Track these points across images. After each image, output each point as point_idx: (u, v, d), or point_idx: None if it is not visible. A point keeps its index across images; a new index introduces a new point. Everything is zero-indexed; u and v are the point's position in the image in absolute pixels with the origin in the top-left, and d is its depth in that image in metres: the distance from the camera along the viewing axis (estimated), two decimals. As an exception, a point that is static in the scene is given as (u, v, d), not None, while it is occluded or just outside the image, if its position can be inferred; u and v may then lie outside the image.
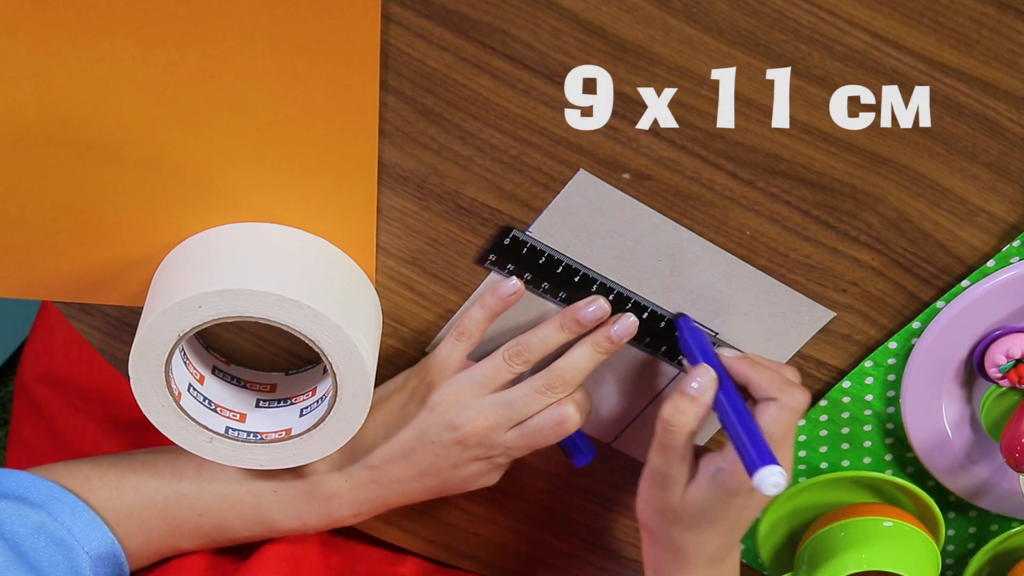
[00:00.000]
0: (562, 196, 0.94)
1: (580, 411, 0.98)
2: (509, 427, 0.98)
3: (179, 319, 0.90)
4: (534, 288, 0.99)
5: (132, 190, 0.92)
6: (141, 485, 0.99)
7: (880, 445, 1.06)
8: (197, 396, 0.95)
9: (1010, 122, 0.94)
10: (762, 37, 0.90)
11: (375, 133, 0.91)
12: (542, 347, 0.98)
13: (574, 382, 0.98)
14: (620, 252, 0.96)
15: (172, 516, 0.99)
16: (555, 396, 0.97)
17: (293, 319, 0.90)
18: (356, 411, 0.93)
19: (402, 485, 0.99)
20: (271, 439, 0.95)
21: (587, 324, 0.97)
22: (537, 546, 1.11)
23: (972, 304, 0.99)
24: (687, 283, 0.98)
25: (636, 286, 0.98)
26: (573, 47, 0.90)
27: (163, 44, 0.87)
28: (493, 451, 0.98)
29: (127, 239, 0.94)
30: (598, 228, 0.96)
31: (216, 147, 0.91)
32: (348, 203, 0.93)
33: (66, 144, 0.90)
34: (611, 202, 0.95)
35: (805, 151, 0.94)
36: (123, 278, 0.96)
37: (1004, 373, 1.01)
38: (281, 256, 0.93)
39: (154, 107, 0.89)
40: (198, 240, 0.94)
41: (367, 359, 0.92)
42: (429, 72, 0.91)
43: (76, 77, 0.88)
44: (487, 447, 0.98)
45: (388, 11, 0.89)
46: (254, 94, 0.89)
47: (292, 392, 0.99)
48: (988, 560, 1.12)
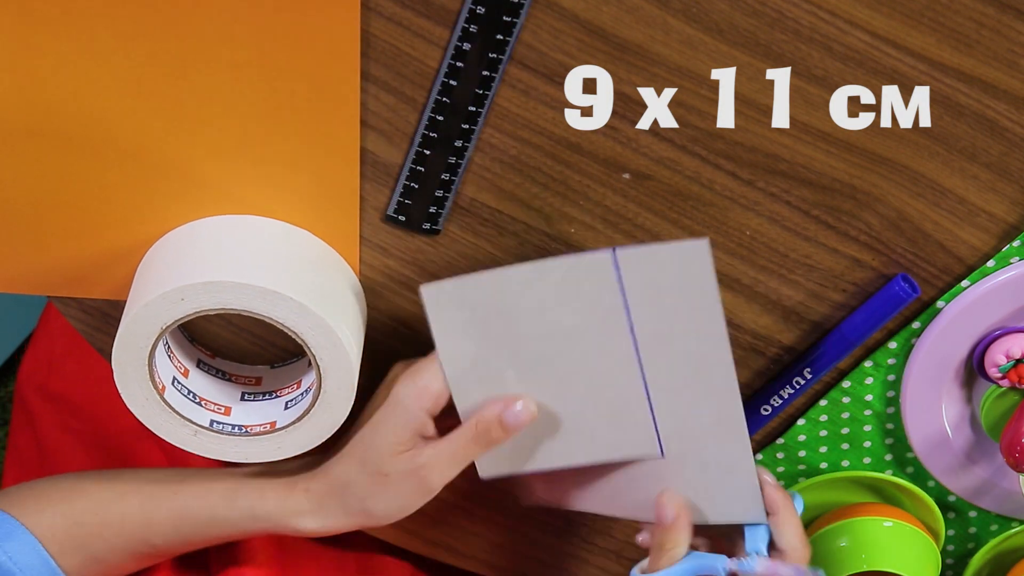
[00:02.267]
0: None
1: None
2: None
3: (162, 312, 0.90)
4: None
5: (115, 183, 0.92)
6: (124, 512, 0.98)
7: (880, 445, 1.06)
8: (181, 389, 0.95)
9: (1010, 122, 0.94)
10: (762, 37, 0.90)
11: (357, 124, 0.91)
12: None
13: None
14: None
15: (147, 543, 0.98)
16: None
17: (275, 311, 0.90)
18: (340, 403, 0.93)
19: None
20: (256, 432, 0.95)
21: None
22: (537, 546, 1.11)
23: (972, 304, 0.99)
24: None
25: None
26: (573, 47, 0.90)
27: (144, 36, 0.87)
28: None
29: (111, 232, 0.94)
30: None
31: (199, 139, 0.91)
32: (331, 195, 0.93)
33: (48, 137, 0.90)
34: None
35: (805, 151, 0.94)
36: (107, 271, 0.96)
37: (1004, 373, 1.01)
38: (264, 248, 0.93)
39: (136, 100, 0.89)
40: (181, 232, 0.94)
41: (350, 351, 0.92)
42: (429, 72, 0.91)
43: (57, 70, 0.88)
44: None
45: (388, 11, 0.89)
46: (235, 86, 0.89)
47: (277, 385, 0.99)
48: (988, 560, 1.12)
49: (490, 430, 0.90)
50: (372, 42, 0.90)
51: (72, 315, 0.99)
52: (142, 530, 0.97)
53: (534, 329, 0.88)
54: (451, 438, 0.91)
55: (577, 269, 0.86)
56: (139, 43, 0.87)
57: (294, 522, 0.95)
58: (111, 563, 0.99)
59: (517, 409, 0.90)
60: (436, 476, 0.91)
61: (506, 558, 1.12)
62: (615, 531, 1.11)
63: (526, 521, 1.10)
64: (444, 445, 0.91)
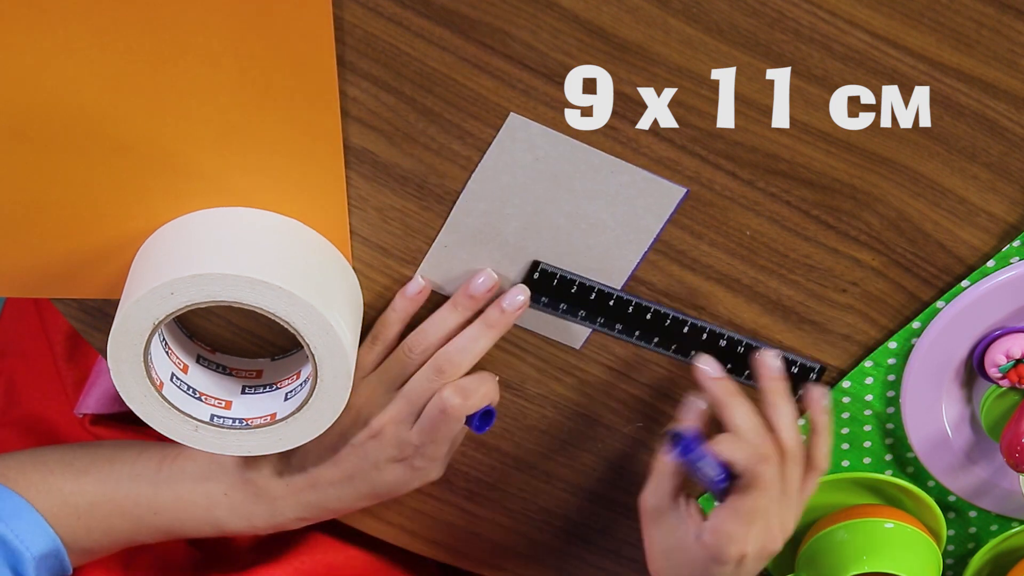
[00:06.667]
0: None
1: (460, 394, 0.96)
2: (413, 421, 0.97)
3: (152, 307, 0.90)
4: (571, 317, 0.99)
5: (102, 181, 0.92)
6: (100, 484, 1.00)
7: (880, 445, 1.06)
8: (181, 385, 0.95)
9: (1010, 122, 0.94)
10: (762, 37, 0.90)
11: (337, 110, 0.90)
12: (438, 331, 0.96)
13: (463, 363, 0.96)
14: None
15: (129, 514, 1.00)
16: (446, 381, 0.96)
17: (266, 301, 0.90)
18: (338, 392, 0.93)
19: (335, 488, 0.99)
20: (256, 424, 0.95)
21: (479, 297, 0.96)
22: (537, 546, 1.11)
23: (972, 304, 0.99)
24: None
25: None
26: (573, 47, 0.90)
27: (118, 31, 0.87)
28: (404, 449, 0.97)
29: (101, 230, 0.94)
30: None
31: (182, 132, 0.91)
32: (318, 183, 0.93)
33: (31, 138, 0.90)
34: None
35: (805, 151, 0.94)
36: (101, 270, 0.96)
37: (1004, 373, 1.01)
38: (253, 239, 0.93)
39: (116, 96, 0.89)
40: (171, 227, 0.94)
41: (345, 339, 0.92)
42: (429, 72, 0.91)
43: (35, 70, 0.88)
44: (398, 445, 0.97)
45: (388, 11, 0.89)
46: (213, 77, 0.89)
47: (278, 377, 0.99)
48: (988, 560, 1.12)
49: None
50: (372, 41, 0.90)
51: (72, 315, 0.99)
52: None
53: (568, 207, 0.94)
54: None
55: (647, 184, 0.93)
56: (115, 38, 0.87)
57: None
58: (124, 540, 1.01)
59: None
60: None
61: (506, 558, 1.12)
62: (615, 531, 1.11)
63: (526, 521, 1.10)
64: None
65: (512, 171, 0.93)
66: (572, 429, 1.06)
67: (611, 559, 1.12)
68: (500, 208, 0.94)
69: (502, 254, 0.96)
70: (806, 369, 1.02)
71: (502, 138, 0.92)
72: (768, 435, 0.95)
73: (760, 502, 0.93)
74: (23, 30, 0.87)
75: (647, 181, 0.93)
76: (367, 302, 0.99)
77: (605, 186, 0.93)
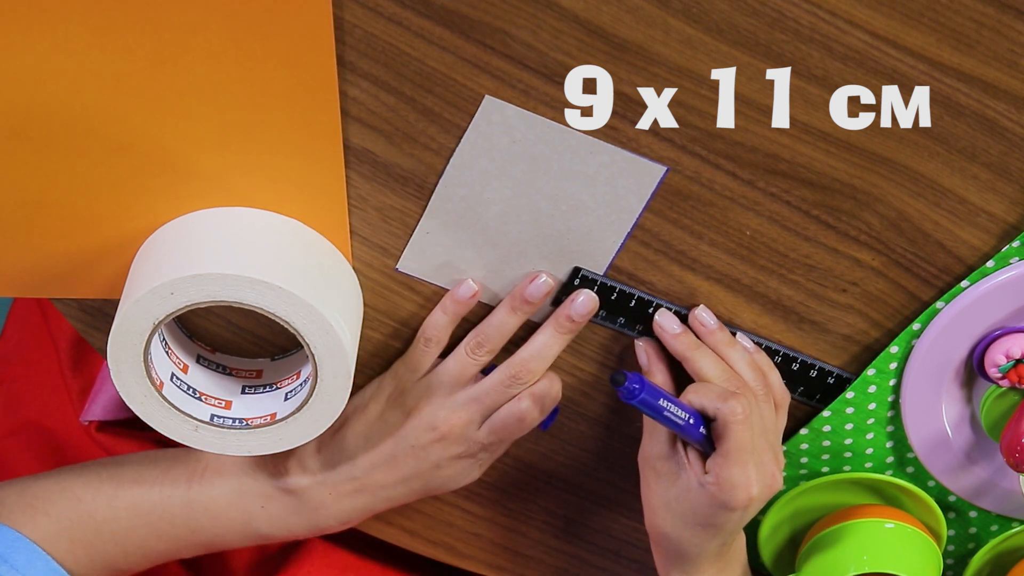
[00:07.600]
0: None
1: (537, 404, 0.99)
2: (482, 421, 0.99)
3: (152, 307, 0.90)
4: (611, 324, 0.99)
5: (102, 181, 0.92)
6: (133, 510, 0.99)
7: (882, 448, 1.06)
8: (181, 385, 0.95)
9: (1010, 122, 0.94)
10: (762, 37, 0.90)
11: (337, 110, 0.91)
12: (500, 334, 0.98)
13: (539, 369, 0.98)
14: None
15: (167, 535, 1.00)
16: (522, 386, 0.98)
17: (265, 301, 0.90)
18: (338, 392, 0.93)
19: (387, 491, 1.00)
20: (257, 424, 0.95)
21: (535, 301, 0.97)
22: (537, 546, 1.11)
23: (972, 304, 0.99)
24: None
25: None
26: (573, 47, 0.90)
27: (118, 31, 0.87)
28: (471, 447, 0.99)
29: (102, 230, 0.94)
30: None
31: (182, 132, 0.91)
32: (318, 183, 0.93)
33: (31, 138, 0.90)
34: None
35: (805, 151, 0.94)
36: (100, 270, 0.96)
37: (1004, 373, 1.01)
38: (252, 238, 0.93)
39: (116, 96, 0.89)
40: (171, 227, 0.94)
41: (344, 339, 0.92)
42: (429, 72, 0.91)
43: (34, 70, 0.88)
44: (465, 444, 0.99)
45: (388, 11, 0.89)
46: (213, 77, 0.89)
47: (278, 377, 0.99)
48: (988, 560, 1.12)
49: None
50: (372, 41, 0.90)
51: (72, 315, 0.99)
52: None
53: (548, 188, 0.94)
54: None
55: (627, 163, 0.93)
56: (115, 38, 0.87)
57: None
58: (164, 557, 1.01)
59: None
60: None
61: (506, 558, 1.12)
62: (615, 531, 1.11)
63: (526, 521, 1.10)
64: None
65: (490, 155, 0.93)
66: (572, 429, 1.06)
67: (611, 559, 1.12)
68: (480, 193, 0.94)
69: (484, 239, 0.96)
70: (806, 368, 1.02)
71: (478, 122, 0.92)
72: (735, 375, 0.97)
73: (744, 437, 0.94)
74: (23, 30, 0.87)
75: (626, 160, 0.93)
76: (367, 302, 0.99)
77: (584, 166, 0.93)
